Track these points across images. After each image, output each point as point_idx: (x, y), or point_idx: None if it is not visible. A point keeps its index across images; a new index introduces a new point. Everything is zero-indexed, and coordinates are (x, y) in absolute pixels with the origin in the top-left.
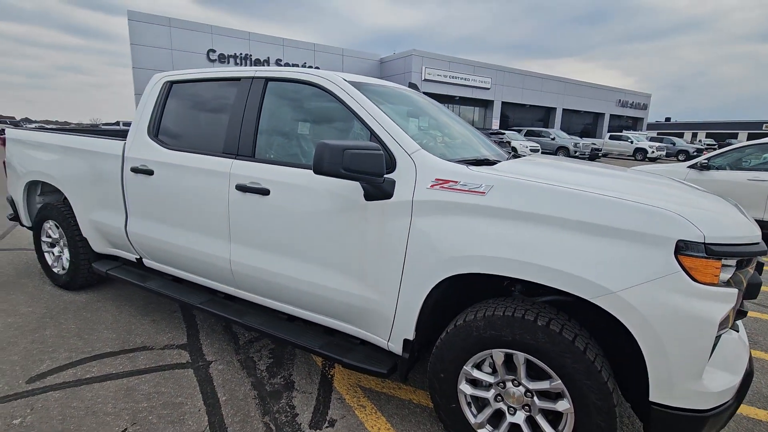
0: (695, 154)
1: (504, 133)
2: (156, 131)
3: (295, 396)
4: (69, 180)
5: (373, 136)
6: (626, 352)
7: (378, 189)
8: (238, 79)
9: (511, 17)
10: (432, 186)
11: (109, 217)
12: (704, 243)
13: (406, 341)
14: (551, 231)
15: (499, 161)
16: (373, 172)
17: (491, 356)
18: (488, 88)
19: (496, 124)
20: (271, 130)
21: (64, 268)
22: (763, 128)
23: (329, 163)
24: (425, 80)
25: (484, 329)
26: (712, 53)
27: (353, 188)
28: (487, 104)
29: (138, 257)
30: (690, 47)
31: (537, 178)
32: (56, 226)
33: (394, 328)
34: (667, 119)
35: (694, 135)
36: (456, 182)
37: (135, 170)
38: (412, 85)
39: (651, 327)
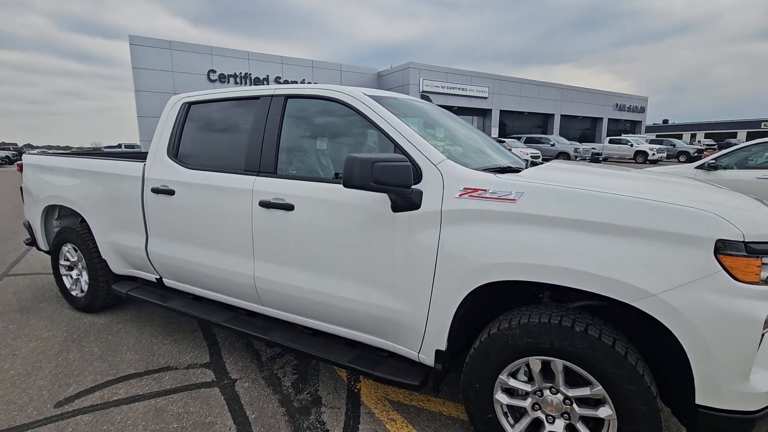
0: (696, 155)
1: (504, 141)
2: (176, 152)
3: (323, 411)
4: (88, 203)
5: (398, 148)
6: (665, 355)
7: (406, 200)
8: (257, 98)
9: (505, 27)
10: (460, 195)
11: (130, 239)
12: (744, 242)
13: (438, 352)
14: (587, 236)
15: (522, 168)
16: (401, 184)
17: (527, 364)
18: (486, 98)
19: (495, 133)
20: (292, 147)
21: (82, 291)
22: (762, 126)
23: (359, 177)
24: (423, 92)
25: (519, 337)
26: (708, 54)
27: (379, 200)
28: (485, 113)
29: (158, 277)
30: (686, 49)
31: (564, 183)
32: (74, 249)
33: (426, 339)
34: (665, 121)
35: (693, 136)
36: (485, 191)
37: (156, 191)
38: (425, 97)
39: (695, 329)
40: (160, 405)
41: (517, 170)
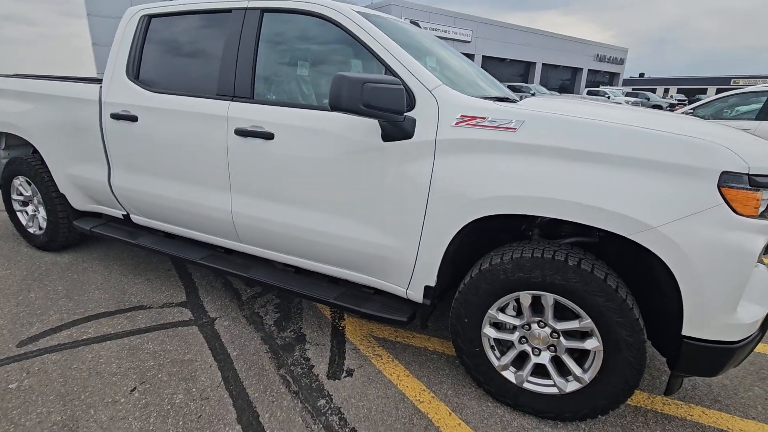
0: (668, 108)
1: None
2: (136, 73)
3: (308, 348)
4: (39, 131)
5: (389, 71)
6: (652, 287)
7: (397, 128)
8: (228, 10)
9: None
10: (457, 123)
11: (90, 171)
12: (748, 174)
13: (427, 288)
14: (588, 167)
15: (517, 99)
16: (393, 109)
17: (516, 299)
18: (469, 41)
19: None
20: (270, 68)
21: (41, 228)
22: (732, 83)
23: (348, 99)
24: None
25: (512, 272)
26: (690, 7)
27: (368, 129)
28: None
29: (125, 213)
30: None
31: (566, 112)
32: (27, 182)
33: (414, 275)
34: (641, 75)
35: (666, 90)
36: (483, 119)
37: (116, 117)
38: (413, 22)
39: (691, 262)
40: (135, 343)
41: (514, 101)
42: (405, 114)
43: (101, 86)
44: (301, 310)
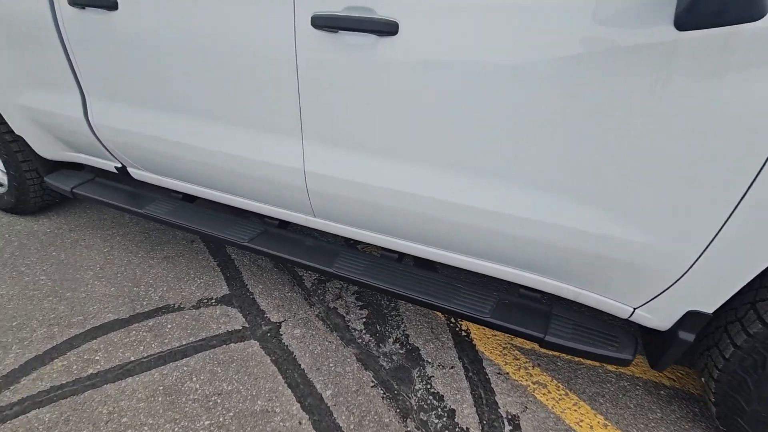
0: None
1: None
2: None
3: (432, 375)
4: None
5: None
6: None
7: None
8: None
9: None
10: None
11: (53, 101)
12: None
13: (693, 315)
14: None
15: None
16: None
17: None
18: None
19: None
20: None
21: (2, 185)
22: None
23: None
24: None
25: None
26: None
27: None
28: None
29: (119, 166)
30: None
31: None
32: None
33: (675, 288)
34: None
35: None
36: None
37: (78, 2)
38: None
39: None
40: (171, 381)
41: None
42: None
43: None
44: (395, 301)
